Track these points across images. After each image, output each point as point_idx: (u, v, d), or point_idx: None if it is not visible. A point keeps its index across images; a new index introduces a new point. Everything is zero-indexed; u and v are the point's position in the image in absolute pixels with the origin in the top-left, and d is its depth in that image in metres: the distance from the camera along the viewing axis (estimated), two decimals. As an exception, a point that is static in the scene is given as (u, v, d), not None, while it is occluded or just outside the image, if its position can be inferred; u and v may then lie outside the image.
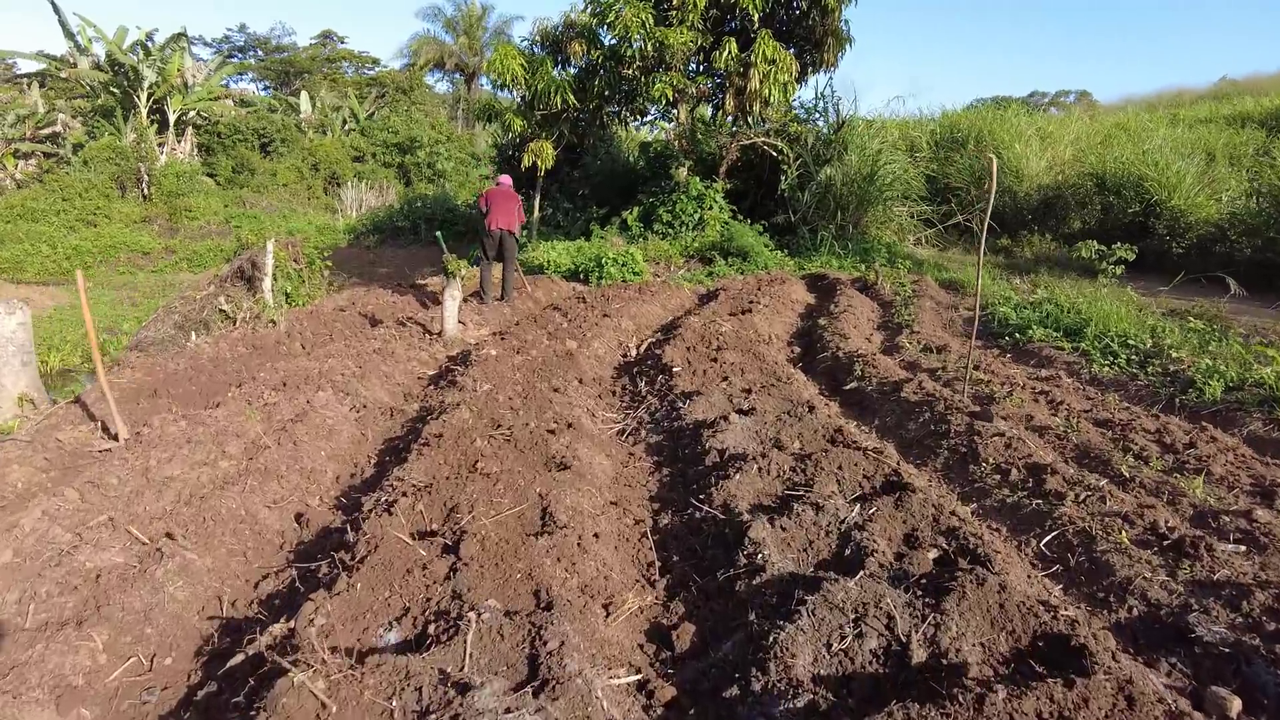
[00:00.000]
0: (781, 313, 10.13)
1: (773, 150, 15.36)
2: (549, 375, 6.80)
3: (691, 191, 15.15)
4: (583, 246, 14.48)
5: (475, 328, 9.42)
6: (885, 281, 11.76)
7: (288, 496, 4.65)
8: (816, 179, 15.01)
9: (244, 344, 8.94)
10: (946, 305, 10.78)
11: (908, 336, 8.59)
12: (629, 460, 5.21)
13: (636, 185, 17.19)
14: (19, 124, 31.81)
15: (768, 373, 6.64)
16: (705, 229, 15.05)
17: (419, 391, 7.12)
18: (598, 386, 6.90)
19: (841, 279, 12.66)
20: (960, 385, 6.66)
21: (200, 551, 3.86)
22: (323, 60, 49.86)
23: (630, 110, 15.89)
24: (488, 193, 10.61)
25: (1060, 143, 18.73)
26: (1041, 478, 4.50)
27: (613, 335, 8.58)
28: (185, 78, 31.38)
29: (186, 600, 3.47)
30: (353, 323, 10.00)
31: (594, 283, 12.94)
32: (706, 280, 13.22)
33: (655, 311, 10.47)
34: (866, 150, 15.22)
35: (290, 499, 4.64)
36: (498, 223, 10.27)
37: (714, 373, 6.59)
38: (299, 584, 3.64)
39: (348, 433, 5.69)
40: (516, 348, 7.55)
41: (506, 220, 10.34)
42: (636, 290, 11.30)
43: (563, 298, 11.56)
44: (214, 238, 26.94)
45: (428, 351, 8.35)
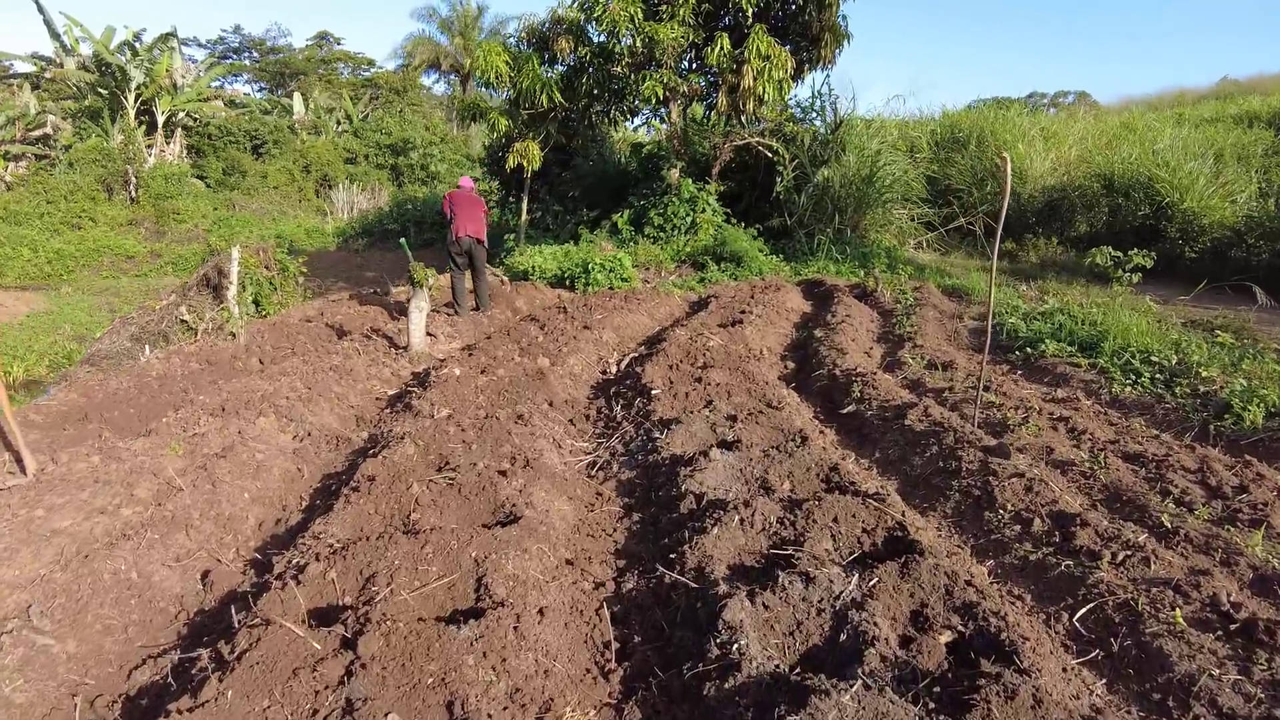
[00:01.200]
0: (775, 323, 9.45)
1: (768, 151, 14.68)
2: (516, 398, 6.12)
3: (684, 194, 14.48)
4: (570, 251, 13.81)
5: (446, 341, 8.74)
6: (885, 288, 11.08)
7: (195, 551, 3.98)
8: (813, 181, 14.33)
9: (198, 359, 8.27)
10: (950, 314, 10.10)
11: (910, 351, 7.91)
12: (595, 502, 4.53)
13: (627, 187, 16.52)
14: (9, 126, 31.18)
15: (757, 395, 5.96)
16: (698, 233, 14.38)
17: (373, 415, 6.44)
18: (570, 410, 6.22)
19: (839, 285, 11.99)
20: (970, 410, 5.98)
21: (65, 631, 3.18)
22: (318, 61, 49.15)
23: (620, 110, 15.20)
24: (450, 196, 9.91)
25: (1064, 143, 18.05)
26: (1070, 529, 3.83)
27: (592, 350, 7.91)
28: (174, 78, 30.71)
29: (26, 705, 2.79)
30: (318, 335, 9.32)
31: (580, 289, 12.26)
32: (698, 286, 12.54)
33: (641, 322, 9.79)
34: (865, 151, 14.54)
35: (198, 554, 3.97)
36: (465, 229, 9.58)
37: (698, 395, 5.92)
38: (172, 679, 2.97)
39: (281, 469, 5.01)
40: (484, 365, 6.87)
41: (475, 227, 9.65)
42: (623, 298, 10.63)
43: (544, 306, 10.88)
44: (202, 241, 26.31)
45: (391, 368, 7.68)
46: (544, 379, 6.44)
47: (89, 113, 30.24)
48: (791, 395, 6.42)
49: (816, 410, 6.35)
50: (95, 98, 29.98)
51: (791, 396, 6.37)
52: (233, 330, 9.07)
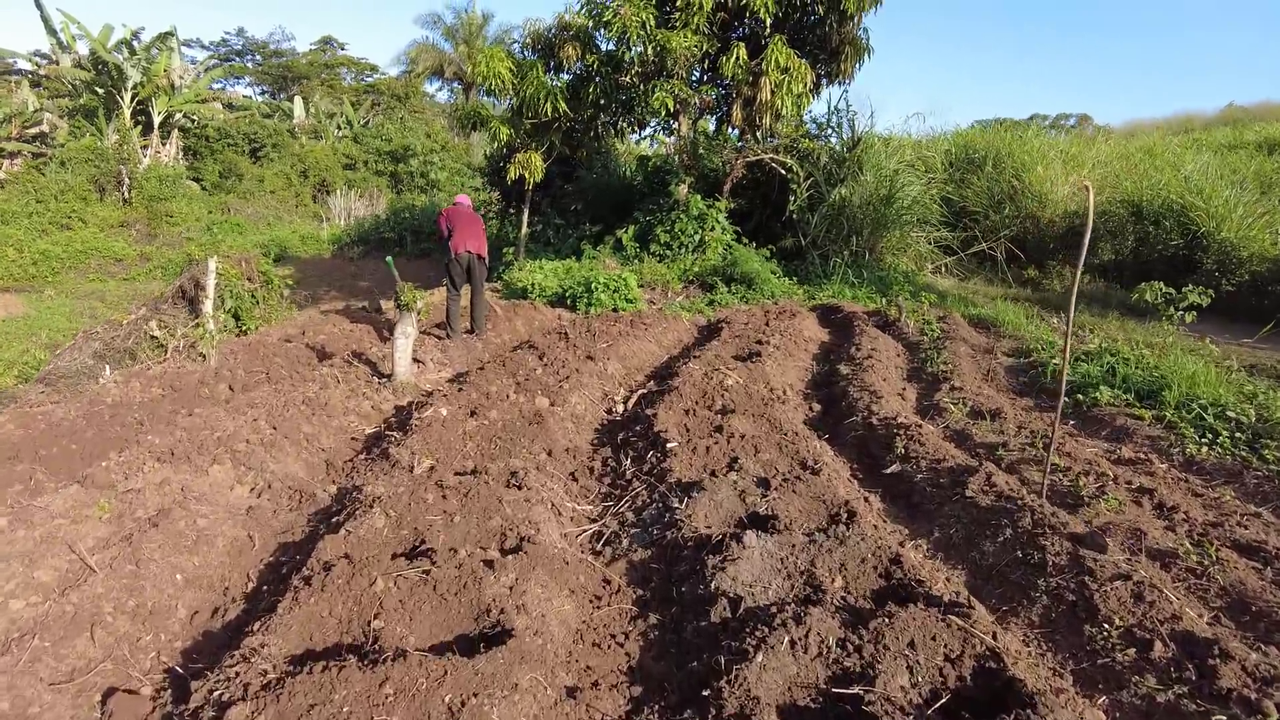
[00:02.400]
0: (794, 354, 8.63)
1: (781, 168, 13.89)
2: (510, 447, 5.28)
3: (692, 210, 13.68)
4: (572, 268, 12.99)
5: (435, 369, 7.90)
6: (909, 318, 10.27)
7: (100, 662, 3.12)
8: (828, 200, 13.55)
9: (161, 384, 7.41)
10: (982, 349, 9.29)
11: (949, 394, 7.08)
12: (603, 595, 3.68)
13: (633, 202, 15.72)
14: (5, 123, 30.35)
15: (788, 452, 5.12)
16: (706, 252, 13.58)
17: (346, 461, 5.58)
18: (572, 461, 5.37)
19: (857, 313, 11.18)
20: (1032, 473, 5.16)
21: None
22: (321, 66, 48.44)
23: (628, 121, 14.41)
24: (448, 212, 9.14)
25: (1083, 166, 17.31)
26: (1206, 661, 2.99)
27: (596, 384, 7.07)
28: (172, 79, 29.90)
29: None
30: (296, 358, 8.47)
31: (582, 310, 11.44)
32: (707, 310, 11.72)
33: (649, 350, 8.96)
34: (883, 170, 13.76)
35: (102, 666, 3.11)
36: (466, 245, 8.80)
37: (720, 451, 5.07)
38: None
39: (228, 538, 4.15)
40: (475, 404, 6.01)
41: (476, 243, 8.88)
42: (629, 322, 9.79)
43: (544, 330, 10.04)
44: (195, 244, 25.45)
45: (372, 400, 6.83)
46: (542, 423, 5.59)
47: (84, 111, 29.40)
48: (825, 449, 5.58)
49: (854, 467, 5.51)
50: (91, 96, 29.15)
51: (825, 451, 5.53)
52: (203, 351, 8.22)
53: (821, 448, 5.51)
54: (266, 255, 24.78)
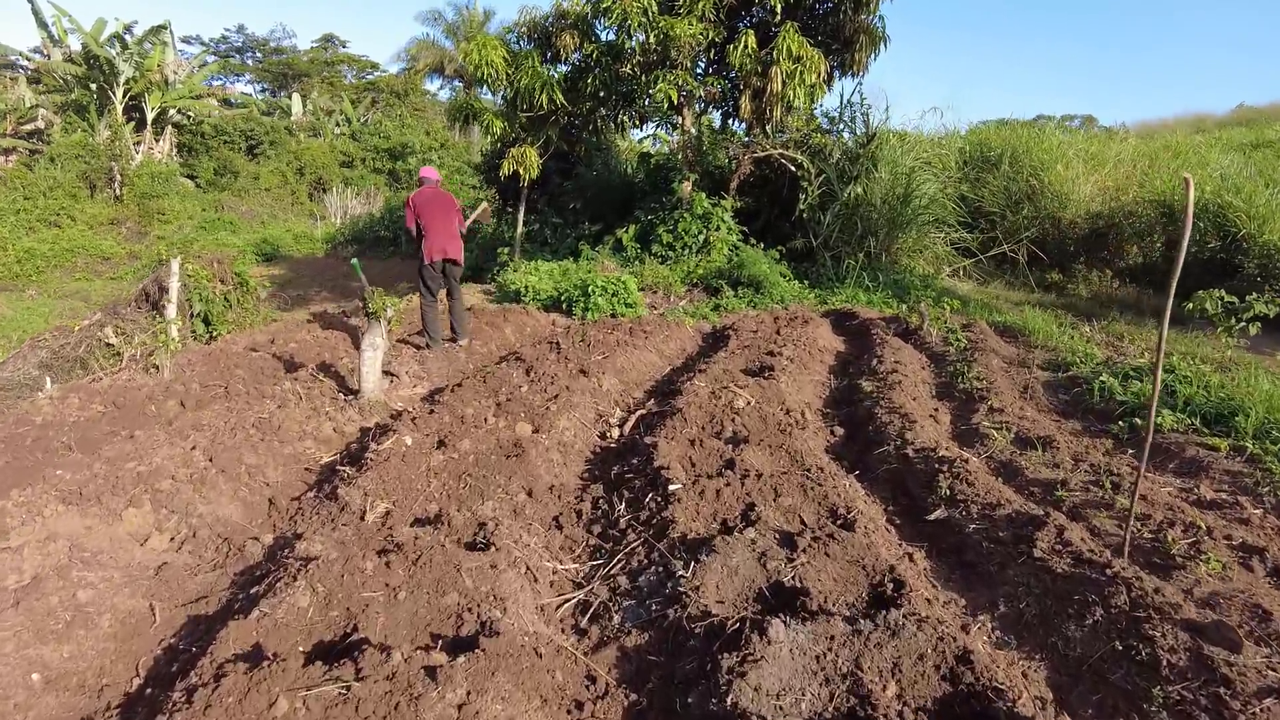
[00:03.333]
0: (809, 367, 7.75)
1: (791, 165, 13.00)
2: (483, 486, 4.41)
3: (696, 209, 12.79)
4: (568, 269, 12.13)
5: (410, 383, 7.02)
6: (932, 325, 9.38)
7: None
8: (841, 199, 12.66)
9: (104, 399, 6.55)
10: (1013, 361, 8.41)
11: (988, 416, 6.20)
12: (586, 703, 2.81)
13: (634, 200, 14.84)
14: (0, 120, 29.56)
15: (814, 495, 4.24)
16: (711, 253, 12.69)
17: (293, 500, 4.72)
18: (556, 502, 4.50)
19: (873, 319, 10.29)
20: (1100, 519, 4.29)
21: None
22: (322, 64, 47.59)
23: (628, 114, 13.54)
24: (415, 199, 7.95)
25: (1104, 165, 16.39)
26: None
27: (589, 404, 6.19)
28: (165, 73, 29.04)
29: None
30: (260, 369, 7.62)
31: (578, 315, 10.57)
32: (712, 315, 10.84)
33: (649, 361, 8.09)
34: (899, 167, 12.87)
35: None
36: (441, 250, 7.84)
37: (733, 494, 4.20)
38: None
39: (118, 613, 3.29)
40: (445, 431, 5.14)
41: (452, 245, 7.93)
42: (628, 329, 8.92)
43: (535, 337, 9.18)
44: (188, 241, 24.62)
45: (335, 421, 5.97)
46: (523, 455, 4.72)
47: (75, 107, 28.55)
48: (855, 489, 4.71)
49: (889, 510, 4.63)
50: (83, 91, 28.31)
51: (856, 491, 4.66)
52: (156, 362, 7.36)
53: (851, 488, 4.64)
54: (258, 254, 24.01)
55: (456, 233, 8.04)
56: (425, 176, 8.28)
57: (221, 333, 10.02)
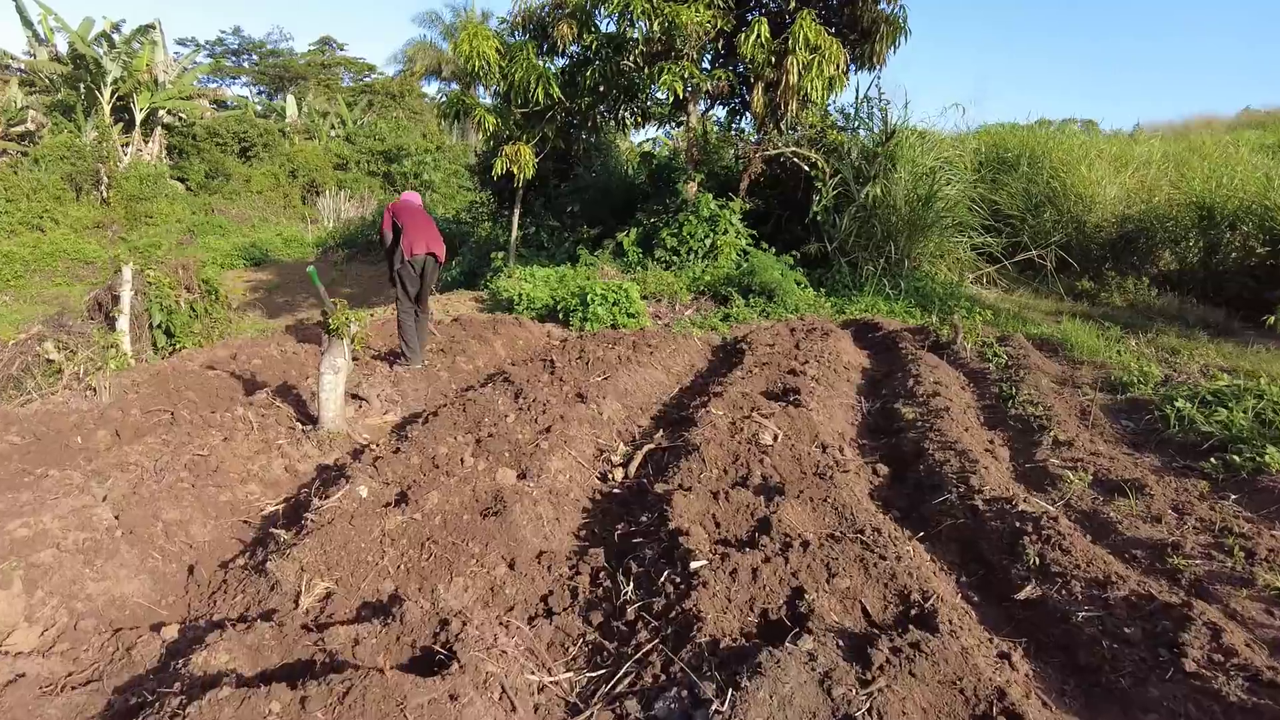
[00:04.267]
0: (836, 388, 6.78)
1: (804, 164, 12.05)
2: (451, 558, 3.44)
3: (702, 211, 11.84)
4: (566, 276, 11.18)
5: (382, 408, 6.05)
6: (966, 339, 8.42)
7: None
8: (858, 200, 11.70)
9: (23, 429, 5.55)
10: (1061, 380, 7.45)
11: (1054, 450, 5.24)
12: None
13: (635, 203, 13.88)
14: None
15: (879, 574, 3.24)
16: (718, 258, 11.74)
17: (220, 568, 3.75)
18: (545, 576, 3.52)
19: (899, 331, 9.34)
20: (1242, 601, 3.34)
21: None
22: (319, 66, 46.67)
23: (630, 110, 12.59)
24: (395, 208, 7.26)
25: (1128, 166, 15.46)
26: None
27: (587, 436, 5.22)
28: (155, 73, 28.10)
29: None
30: (215, 391, 6.64)
31: (575, 326, 9.61)
32: (722, 326, 9.88)
33: (656, 380, 7.12)
34: (919, 167, 11.92)
35: None
36: (423, 244, 7.01)
37: (772, 574, 3.21)
38: None
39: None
40: (411, 478, 4.17)
41: (435, 243, 7.13)
42: (630, 343, 7.95)
43: (528, 353, 8.21)
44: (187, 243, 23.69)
45: (287, 458, 5.00)
46: (504, 513, 3.74)
47: (61, 107, 27.60)
48: (921, 556, 3.74)
49: (961, 582, 3.67)
50: (69, 92, 27.36)
51: (923, 562, 3.70)
52: (92, 384, 6.39)
53: (918, 557, 3.67)
54: (246, 259, 22.99)
55: (438, 234, 7.23)
56: (406, 198, 7.56)
57: (185, 346, 9.08)
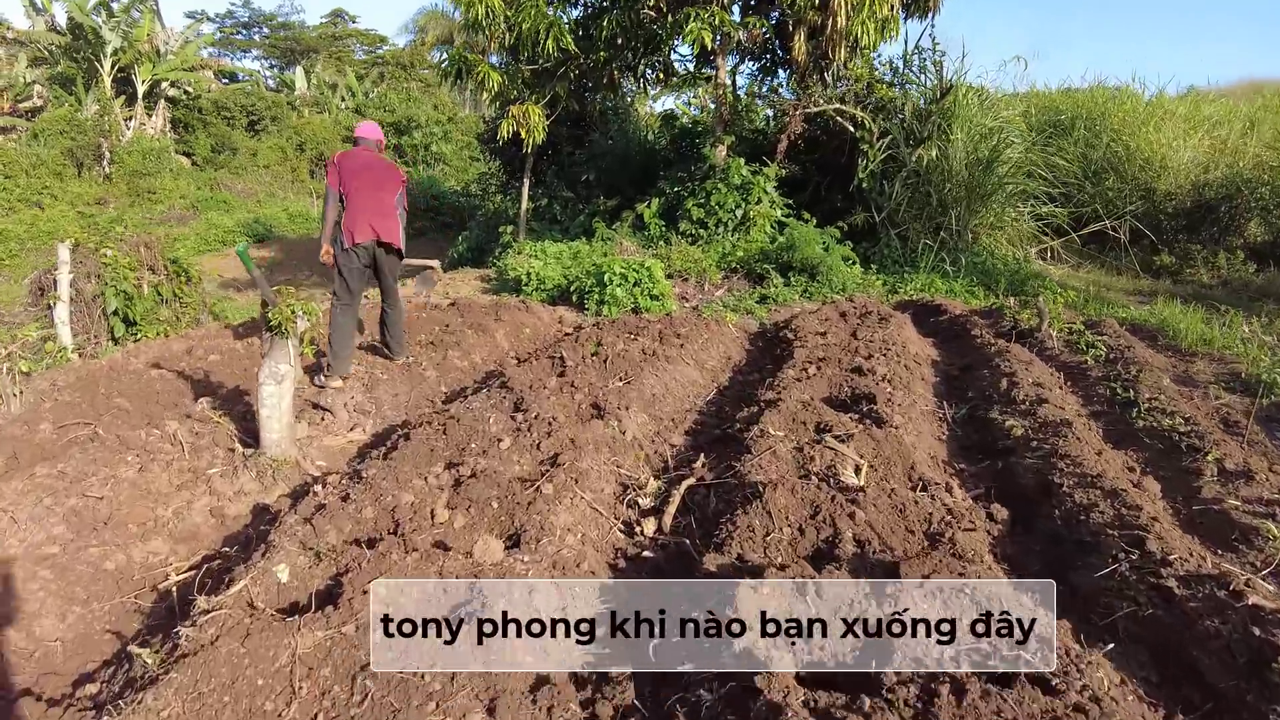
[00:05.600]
0: (913, 389, 5.41)
1: (849, 124, 10.57)
2: (398, 709, 2.17)
3: (733, 178, 10.41)
4: (580, 252, 9.84)
5: (350, 419, 4.76)
6: (1051, 327, 7.02)
7: None
8: (908, 164, 10.24)
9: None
10: (1178, 378, 6.06)
11: (1224, 484, 3.88)
12: None
13: (656, 170, 12.47)
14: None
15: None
16: (750, 230, 10.34)
17: (69, 690, 2.51)
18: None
19: (965, 315, 7.95)
20: None
21: None
22: (330, 39, 45.18)
23: (651, 65, 11.13)
24: (342, 159, 5.43)
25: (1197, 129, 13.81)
26: None
27: (606, 469, 3.91)
28: (156, 44, 26.78)
29: None
30: (156, 395, 5.40)
31: (591, 310, 8.30)
32: (759, 309, 8.53)
33: (688, 379, 5.80)
34: (979, 127, 10.42)
35: None
36: (368, 228, 5.23)
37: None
38: None
39: None
40: (349, 561, 2.89)
41: (384, 222, 5.29)
42: (657, 333, 6.62)
43: (535, 343, 6.91)
44: (174, 224, 22.51)
45: (216, 495, 3.75)
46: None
47: (61, 80, 26.39)
48: (1106, 672, 2.43)
49: (1166, 716, 2.36)
50: (69, 64, 26.11)
51: (1107, 678, 2.39)
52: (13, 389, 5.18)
53: (1104, 680, 2.36)
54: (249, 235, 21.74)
55: (393, 211, 5.40)
56: (362, 135, 5.62)
57: (148, 335, 7.87)
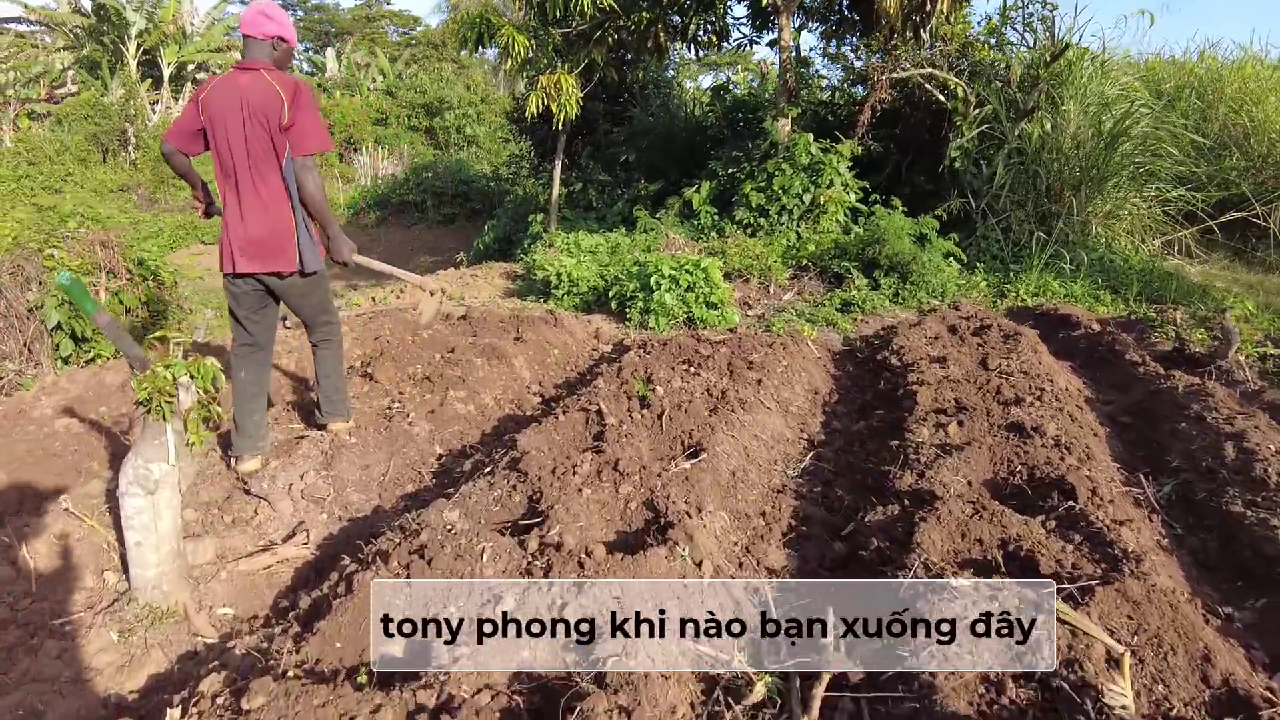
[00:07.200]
0: (1093, 455, 3.69)
1: (938, 92, 8.74)
2: None
3: (799, 158, 8.64)
4: (619, 245, 8.21)
5: (291, 519, 3.20)
6: (1239, 350, 5.22)
7: None
8: (1010, 141, 8.39)
9: None
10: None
11: None
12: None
13: (705, 150, 10.73)
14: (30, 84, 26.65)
15: None
16: (820, 220, 8.60)
17: None
18: None
19: (1104, 329, 6.16)
20: None
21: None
22: (364, 20, 43.91)
23: (701, 25, 9.37)
24: (205, 98, 3.13)
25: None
26: None
27: (674, 646, 2.30)
28: (182, 24, 25.58)
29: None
30: (46, 463, 3.92)
31: (634, 319, 6.67)
32: (841, 319, 6.82)
33: (772, 434, 4.12)
34: (1099, 97, 8.50)
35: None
36: (239, 251, 3.18)
37: None
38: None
39: None
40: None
41: (263, 240, 3.17)
42: (724, 364, 4.94)
43: (565, 373, 5.31)
44: (192, 212, 21.36)
45: (43, 682, 2.23)
46: None
47: (87, 63, 25.36)
48: None
49: None
50: (94, 46, 25.04)
51: None
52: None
53: None
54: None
55: (279, 202, 3.20)
56: (251, 34, 3.25)
57: (102, 355, 6.45)
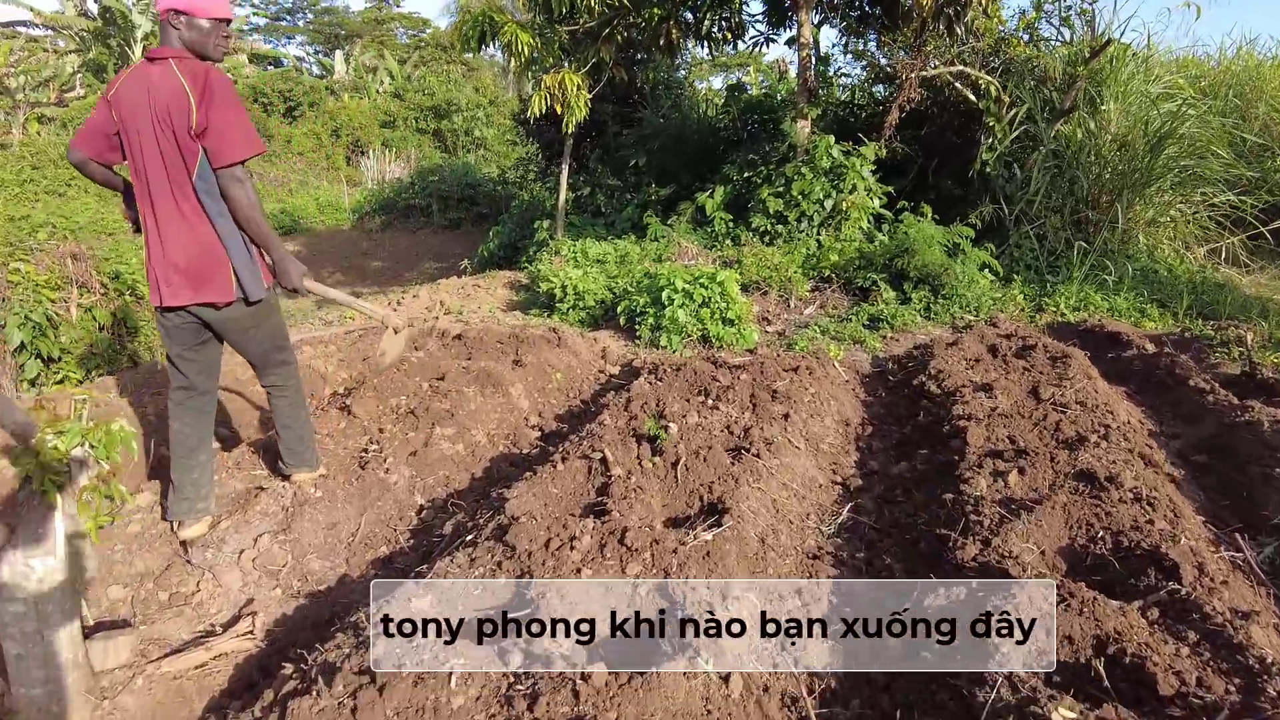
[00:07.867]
0: (1180, 512, 3.12)
1: (969, 91, 8.15)
2: None
3: (820, 161, 8.06)
4: (628, 253, 7.66)
5: (239, 590, 2.64)
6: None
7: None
8: (1046, 144, 7.79)
9: None
10: None
11: None
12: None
13: (718, 153, 10.17)
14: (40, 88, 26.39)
15: None
16: (842, 227, 8.03)
17: None
18: None
19: (1166, 352, 5.56)
20: None
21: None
22: (374, 23, 43.61)
23: (715, 22, 8.81)
24: (113, 95, 2.51)
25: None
26: None
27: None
28: (188, 27, 25.21)
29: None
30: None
31: (644, 336, 6.11)
32: (869, 336, 6.23)
33: (803, 480, 3.56)
34: (1142, 97, 7.89)
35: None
36: (163, 280, 2.60)
37: None
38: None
39: None
40: None
41: (185, 266, 2.57)
42: (745, 395, 4.37)
43: (569, 402, 4.76)
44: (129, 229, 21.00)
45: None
46: None
47: (93, 66, 25.05)
48: None
49: None
50: (100, 49, 24.72)
51: None
52: None
53: None
54: (276, 228, 19.91)
55: (195, 220, 2.57)
56: (160, 14, 2.58)
57: (73, 377, 5.94)
